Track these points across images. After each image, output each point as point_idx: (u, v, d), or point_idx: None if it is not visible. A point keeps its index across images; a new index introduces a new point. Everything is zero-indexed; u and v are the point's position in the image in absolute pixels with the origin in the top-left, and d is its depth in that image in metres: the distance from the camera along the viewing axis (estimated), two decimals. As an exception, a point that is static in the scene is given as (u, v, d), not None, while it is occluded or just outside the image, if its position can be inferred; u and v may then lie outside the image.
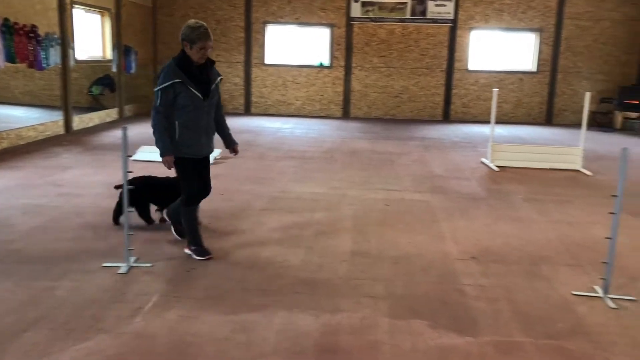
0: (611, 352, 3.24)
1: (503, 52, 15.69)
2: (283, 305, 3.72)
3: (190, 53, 4.22)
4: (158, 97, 4.22)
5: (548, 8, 15.21)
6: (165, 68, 4.26)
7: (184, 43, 4.21)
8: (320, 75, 15.81)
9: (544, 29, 15.32)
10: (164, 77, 4.20)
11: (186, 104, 4.23)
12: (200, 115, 4.33)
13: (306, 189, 7.04)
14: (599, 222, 5.85)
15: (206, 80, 4.33)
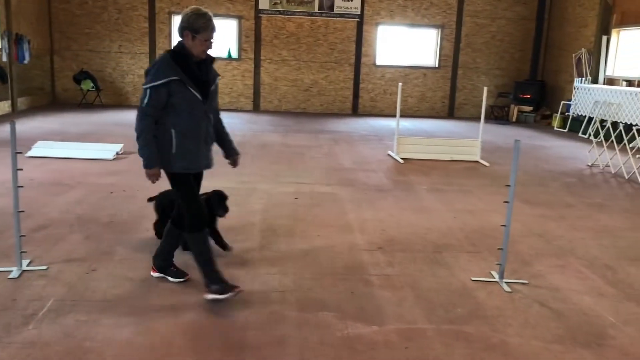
0: (506, 334, 3.43)
1: (408, 47, 16.18)
2: (190, 304, 3.62)
3: (191, 45, 3.54)
4: (146, 97, 3.49)
5: (449, 5, 15.85)
6: (158, 62, 3.55)
7: (185, 33, 3.53)
8: (229, 68, 15.57)
9: (445, 25, 15.96)
10: (156, 73, 3.49)
11: (182, 106, 3.53)
12: (199, 121, 3.62)
13: (215, 184, 6.87)
14: (496, 210, 6.17)
15: (205, 79, 3.63)
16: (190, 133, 3.60)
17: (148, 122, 3.53)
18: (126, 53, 15.21)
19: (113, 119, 12.64)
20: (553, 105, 15.59)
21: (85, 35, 15.07)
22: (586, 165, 9.34)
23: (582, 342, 3.37)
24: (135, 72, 15.32)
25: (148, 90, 3.49)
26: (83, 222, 5.21)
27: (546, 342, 3.35)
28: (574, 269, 4.56)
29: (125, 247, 4.61)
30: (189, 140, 3.60)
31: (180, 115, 3.55)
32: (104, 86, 15.20)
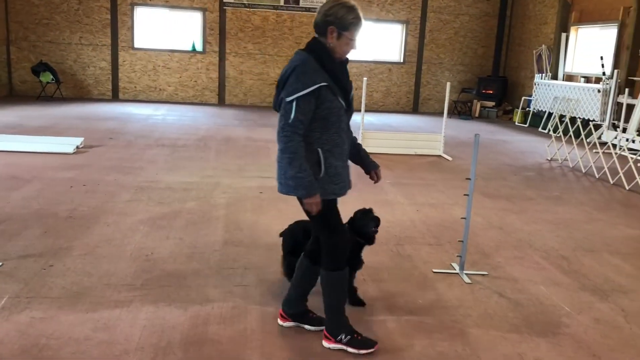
0: (465, 324, 3.49)
1: (373, 42, 16.26)
2: (149, 300, 3.58)
3: (335, 45, 2.93)
4: (292, 110, 2.82)
5: (413, 1, 15.98)
6: (300, 64, 2.86)
7: (330, 29, 2.89)
8: (194, 61, 15.38)
9: (410, 21, 16.08)
10: (302, 78, 2.82)
11: (331, 119, 2.94)
12: (344, 135, 3.05)
13: (177, 178, 6.82)
14: (457, 203, 6.28)
15: (345, 84, 3.03)
16: (337, 150, 3.00)
17: (298, 141, 2.85)
18: (87, 45, 14.86)
19: (74, 112, 12.35)
20: (514, 101, 15.91)
21: (44, 25, 14.66)
22: (545, 160, 9.57)
23: (538, 331, 3.46)
24: (97, 65, 14.99)
25: (294, 102, 2.82)
26: (40, 217, 5.08)
27: (504, 331, 3.43)
28: (531, 260, 4.67)
29: (85, 242, 4.52)
30: (337, 160, 3.01)
31: (328, 130, 2.94)
32: (65, 79, 14.83)
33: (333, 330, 3.12)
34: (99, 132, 9.85)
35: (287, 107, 2.84)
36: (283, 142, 2.86)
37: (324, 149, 2.95)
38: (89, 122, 10.91)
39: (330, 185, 3.00)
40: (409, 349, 3.16)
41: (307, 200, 2.91)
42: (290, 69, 2.88)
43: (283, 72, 2.92)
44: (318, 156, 2.94)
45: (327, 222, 3.07)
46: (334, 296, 3.12)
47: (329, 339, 3.13)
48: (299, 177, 2.85)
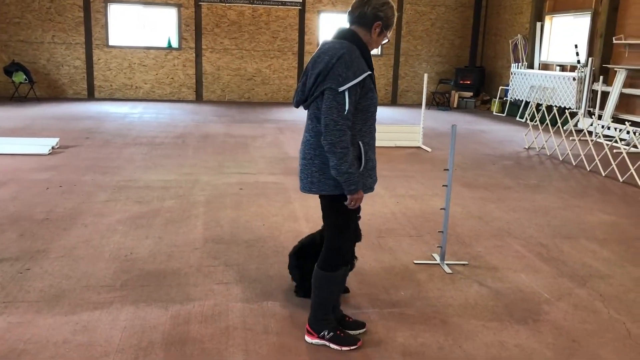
0: (446, 314, 3.52)
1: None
2: (129, 300, 3.54)
3: (372, 40, 2.91)
4: (346, 101, 2.71)
5: (390, -7, 15.97)
6: (347, 53, 2.76)
7: (377, 24, 2.86)
8: (170, 57, 15.22)
9: (387, 13, 16.07)
10: (352, 67, 2.73)
11: (371, 110, 2.87)
12: (375, 128, 2.99)
13: (156, 177, 6.75)
14: (437, 194, 6.31)
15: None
16: (373, 143, 2.95)
17: (349, 134, 2.74)
18: (60, 43, 14.62)
19: (48, 112, 12.15)
20: (492, 91, 16.04)
21: (15, 24, 14.38)
22: (523, 148, 9.67)
23: (518, 318, 3.49)
24: (71, 64, 14.75)
25: (347, 92, 2.69)
26: (16, 220, 4.99)
27: (485, 320, 3.45)
28: (511, 249, 4.72)
29: (62, 244, 4.45)
30: (373, 153, 2.96)
31: (367, 121, 2.87)
32: (38, 78, 14.57)
33: (317, 326, 3.10)
34: (74, 131, 9.71)
35: (338, 98, 2.70)
36: (337, 135, 2.70)
37: (364, 142, 2.87)
38: (65, 122, 10.75)
39: (368, 179, 2.93)
40: (392, 341, 3.17)
41: (355, 196, 2.81)
42: (335, 57, 2.74)
43: (326, 62, 2.75)
44: (359, 150, 2.85)
45: (343, 220, 2.97)
46: (325, 294, 3.08)
47: (311, 334, 3.12)
48: (350, 173, 2.75)
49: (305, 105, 2.93)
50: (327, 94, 2.73)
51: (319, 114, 2.82)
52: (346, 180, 2.76)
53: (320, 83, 2.77)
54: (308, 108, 2.93)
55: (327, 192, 2.89)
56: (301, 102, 2.95)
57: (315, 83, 2.80)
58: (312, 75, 2.82)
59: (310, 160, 2.89)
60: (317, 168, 2.87)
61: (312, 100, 2.85)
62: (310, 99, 2.86)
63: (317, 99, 2.82)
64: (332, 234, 3.01)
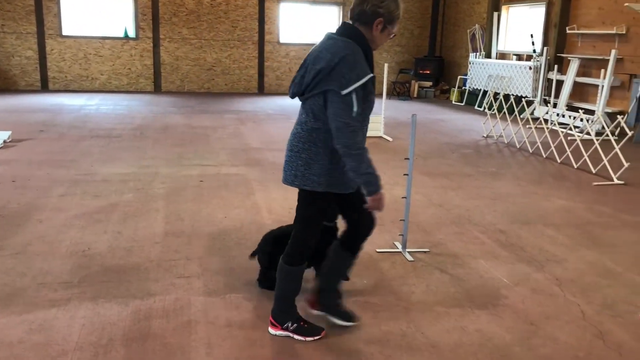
0: (409, 301, 3.56)
1: (310, 25, 16.18)
2: (87, 297, 3.45)
3: (375, 37, 2.82)
4: (354, 103, 2.66)
5: (349, -17, 15.97)
6: (350, 54, 2.69)
7: (377, 21, 2.77)
8: (126, 48, 14.87)
9: (346, 3, 16.08)
10: (356, 68, 2.67)
11: (367, 112, 2.82)
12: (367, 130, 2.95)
13: (114, 170, 6.60)
14: (398, 183, 6.36)
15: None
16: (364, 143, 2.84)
17: (361, 135, 2.72)
18: (10, 33, 14.10)
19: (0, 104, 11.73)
20: (451, 80, 16.25)
21: (-39, 13, 13.79)
22: (482, 137, 9.84)
23: (479, 304, 3.56)
24: (22, 54, 14.25)
25: (353, 94, 2.65)
26: (-34, 218, 4.81)
27: (447, 306, 3.51)
28: (471, 235, 4.80)
29: (16, 241, 4.30)
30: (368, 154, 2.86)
31: (364, 123, 2.82)
32: (-13, 69, 14.04)
33: (280, 317, 3.09)
34: (28, 124, 9.40)
35: (346, 100, 2.64)
36: (350, 137, 2.65)
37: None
38: (17, 115, 10.39)
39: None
40: (355, 329, 3.19)
41: (375, 197, 2.76)
42: (337, 57, 2.66)
43: (328, 60, 2.67)
44: None
45: (316, 216, 2.94)
46: (288, 287, 3.05)
47: (275, 325, 3.10)
48: (370, 173, 2.71)
49: (302, 98, 2.86)
50: (332, 97, 2.68)
51: (317, 110, 2.77)
52: (366, 182, 2.72)
53: (321, 81, 2.71)
54: (304, 102, 2.85)
55: (309, 188, 2.84)
56: (298, 94, 2.88)
57: (315, 79, 2.73)
58: (312, 70, 2.75)
59: (297, 153, 2.84)
60: (302, 162, 2.83)
61: (310, 96, 2.78)
62: (307, 94, 2.79)
63: (316, 97, 2.76)
64: (301, 226, 2.97)
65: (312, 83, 2.74)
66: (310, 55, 2.82)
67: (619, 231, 5.08)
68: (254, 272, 3.90)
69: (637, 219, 5.44)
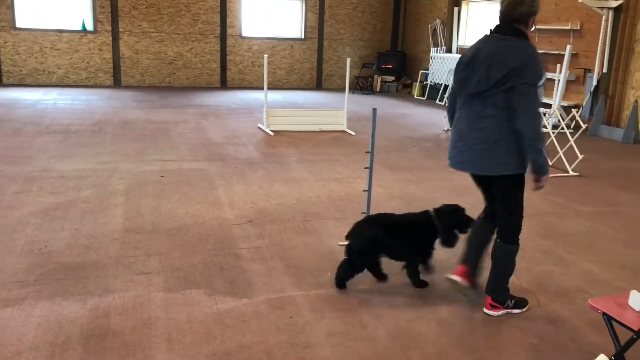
0: (370, 293, 3.59)
1: (274, 19, 16.11)
2: (44, 295, 3.38)
3: (529, 32, 3.20)
4: (539, 93, 3.15)
5: (312, -23, 15.95)
6: (533, 50, 3.10)
7: (532, 19, 3.16)
8: (85, 41, 14.52)
9: (309, -3, 16.06)
10: (541, 62, 3.13)
11: None
12: None
13: (71, 166, 6.45)
14: (361, 176, 6.41)
15: None
16: None
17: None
18: (-39, 25, 13.59)
19: (-51, 99, 11.31)
20: (413, 75, 16.42)
21: None
22: (442, 130, 9.98)
23: (439, 294, 3.62)
24: (-27, 47, 13.76)
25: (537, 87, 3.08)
26: None
27: (406, 297, 3.57)
28: (431, 227, 4.87)
29: (-32, 240, 4.17)
30: None
31: None
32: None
33: (502, 297, 3.37)
34: (-20, 120, 9.10)
35: (534, 90, 3.03)
36: (539, 122, 3.06)
37: None
38: (-31, 110, 10.04)
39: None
40: (317, 322, 3.21)
41: (547, 177, 3.15)
42: (526, 55, 3.03)
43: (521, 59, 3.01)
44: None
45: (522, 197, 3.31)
46: (509, 266, 3.37)
47: (497, 307, 3.37)
48: (546, 155, 3.11)
49: (485, 94, 3.11)
50: (525, 89, 3.02)
51: (502, 102, 3.08)
52: (544, 161, 3.10)
53: (513, 77, 3.02)
54: (485, 97, 3.12)
55: (512, 172, 3.17)
56: (483, 91, 3.12)
57: (507, 77, 3.03)
58: (500, 69, 3.04)
59: (495, 143, 3.12)
60: (503, 150, 3.12)
61: (499, 91, 3.07)
62: (495, 90, 3.08)
63: (503, 91, 3.06)
64: (515, 212, 3.31)
65: (502, 80, 3.05)
66: (484, 55, 3.12)
67: (572, 221, 5.24)
68: (215, 268, 3.88)
69: (591, 209, 5.63)
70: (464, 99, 3.27)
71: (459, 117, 3.32)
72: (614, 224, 5.21)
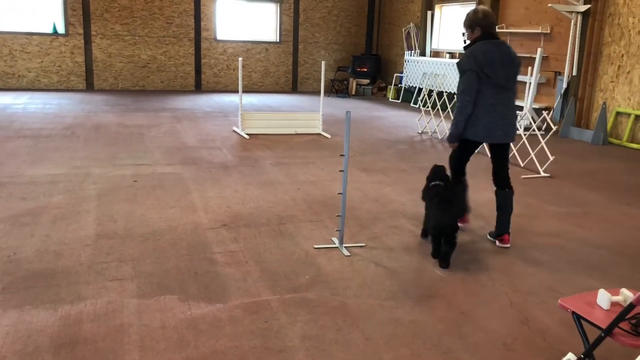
0: (345, 296, 3.60)
1: (248, 22, 16.07)
2: (12, 304, 3.30)
3: None
4: None
5: (286, -20, 15.95)
6: None
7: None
8: (56, 44, 14.29)
9: (283, 0, 16.06)
10: None
11: None
12: None
13: (42, 171, 6.34)
14: (336, 179, 6.42)
15: None
16: None
17: None
18: None
19: None
20: (387, 78, 16.53)
21: None
22: (417, 133, 10.06)
23: (413, 296, 3.65)
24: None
25: None
26: None
27: (381, 299, 3.58)
28: (405, 229, 4.91)
29: None
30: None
31: None
32: None
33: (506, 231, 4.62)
34: (-53, 125, 8.89)
35: None
36: None
37: None
38: None
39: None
40: (292, 325, 3.20)
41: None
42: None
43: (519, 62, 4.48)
44: None
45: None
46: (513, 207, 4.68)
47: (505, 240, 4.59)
48: None
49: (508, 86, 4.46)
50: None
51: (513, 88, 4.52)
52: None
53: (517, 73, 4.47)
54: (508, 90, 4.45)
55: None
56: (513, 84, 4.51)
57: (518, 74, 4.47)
58: (518, 67, 4.44)
59: (514, 119, 4.51)
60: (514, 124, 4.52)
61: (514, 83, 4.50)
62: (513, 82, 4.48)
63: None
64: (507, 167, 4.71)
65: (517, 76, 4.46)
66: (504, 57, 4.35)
67: (544, 221, 5.33)
68: (189, 273, 3.85)
69: (561, 210, 5.72)
70: (495, 90, 4.34)
71: (493, 104, 4.35)
72: (584, 223, 5.31)
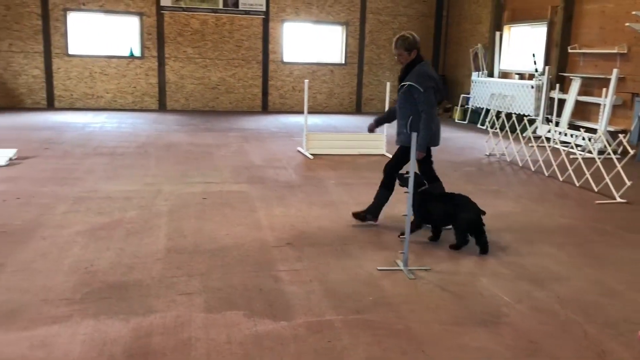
0: (409, 319, 3.56)
1: (314, 44, 16.34)
2: (89, 314, 3.47)
3: None
4: None
5: (352, 3, 16.16)
6: None
7: None
8: (132, 66, 15.03)
9: (349, 22, 16.26)
10: None
11: None
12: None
13: (117, 187, 6.65)
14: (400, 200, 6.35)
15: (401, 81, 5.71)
16: None
17: None
18: (18, 52, 14.27)
19: (6, 122, 11.84)
20: (454, 99, 16.33)
21: (-31, 33, 13.99)
22: (484, 155, 9.86)
23: (478, 321, 3.56)
24: (29, 73, 14.41)
25: None
26: (-30, 234, 4.84)
27: (446, 324, 3.51)
28: (472, 253, 4.80)
29: (20, 258, 4.33)
30: None
31: None
32: (-6, 88, 14.19)
33: None
34: (33, 142, 9.49)
35: None
36: None
37: None
38: (23, 133, 10.49)
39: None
40: (355, 347, 3.19)
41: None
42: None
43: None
44: None
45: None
46: None
47: None
48: None
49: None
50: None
51: None
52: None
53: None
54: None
55: None
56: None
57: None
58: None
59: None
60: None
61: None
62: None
63: None
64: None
65: None
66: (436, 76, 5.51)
67: (621, 249, 5.07)
68: (255, 290, 3.92)
69: (639, 237, 5.44)
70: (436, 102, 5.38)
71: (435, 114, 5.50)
72: (665, 253, 5.02)
